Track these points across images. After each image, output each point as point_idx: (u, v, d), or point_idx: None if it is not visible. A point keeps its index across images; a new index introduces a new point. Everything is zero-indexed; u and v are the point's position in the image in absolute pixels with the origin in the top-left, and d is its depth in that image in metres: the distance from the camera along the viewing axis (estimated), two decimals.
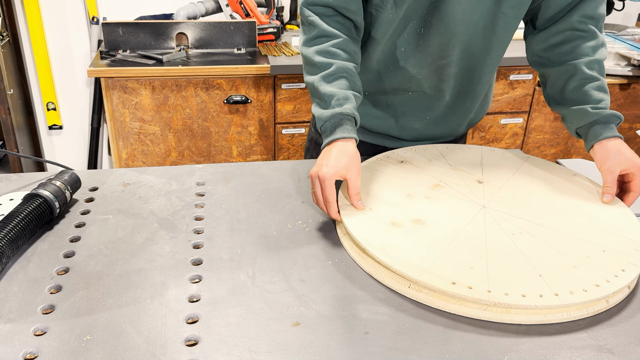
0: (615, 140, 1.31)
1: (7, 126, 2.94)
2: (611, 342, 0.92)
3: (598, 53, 1.39)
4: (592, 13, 1.38)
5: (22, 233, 1.09)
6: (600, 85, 1.37)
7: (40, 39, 3.13)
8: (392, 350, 0.89)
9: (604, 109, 1.34)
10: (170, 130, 2.73)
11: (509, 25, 1.39)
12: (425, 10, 1.34)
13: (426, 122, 1.57)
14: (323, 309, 0.98)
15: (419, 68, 1.44)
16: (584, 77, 1.37)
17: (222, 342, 0.90)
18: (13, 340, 0.89)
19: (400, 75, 1.47)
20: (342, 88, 1.28)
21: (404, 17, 1.35)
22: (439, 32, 1.37)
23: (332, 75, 1.30)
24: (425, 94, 1.51)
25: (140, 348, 0.88)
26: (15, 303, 0.97)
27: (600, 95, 1.35)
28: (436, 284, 0.98)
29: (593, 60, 1.38)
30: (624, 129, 3.03)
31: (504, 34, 1.41)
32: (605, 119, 1.33)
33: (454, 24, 1.35)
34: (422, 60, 1.43)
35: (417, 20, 1.36)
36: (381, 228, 1.14)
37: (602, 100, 1.35)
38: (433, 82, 1.48)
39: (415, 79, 1.47)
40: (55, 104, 3.30)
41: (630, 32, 3.28)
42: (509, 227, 1.16)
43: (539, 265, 1.03)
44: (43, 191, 1.18)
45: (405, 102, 1.54)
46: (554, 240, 1.12)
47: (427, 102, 1.53)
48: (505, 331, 0.94)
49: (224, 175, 1.43)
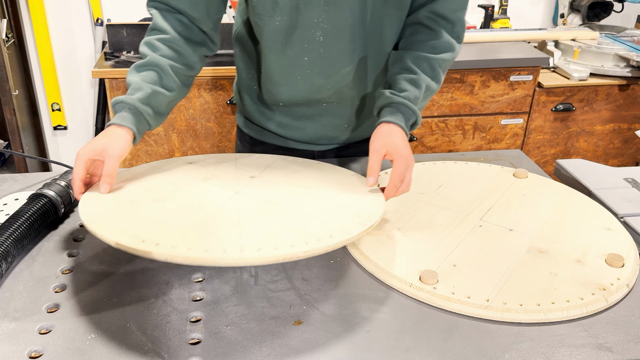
0: (396, 127, 1.24)
1: (12, 127, 2.94)
2: (610, 341, 0.92)
3: (436, 53, 1.33)
4: (444, 12, 1.32)
5: (27, 232, 1.09)
6: (414, 79, 1.31)
7: (45, 40, 3.13)
8: (394, 348, 0.89)
9: (402, 97, 1.27)
10: (174, 130, 2.73)
11: (394, 27, 1.36)
12: (320, 18, 1.30)
13: (346, 129, 1.54)
14: (325, 307, 0.98)
15: (325, 77, 1.40)
16: (402, 68, 1.32)
17: (225, 341, 0.90)
18: (18, 338, 0.89)
19: (309, 85, 1.42)
20: (145, 80, 1.22)
21: (300, 27, 1.31)
22: (336, 39, 1.34)
23: (143, 66, 1.25)
24: (338, 102, 1.47)
25: (144, 347, 0.88)
26: (20, 302, 0.97)
27: (407, 86, 1.29)
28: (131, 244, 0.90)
29: (424, 56, 1.33)
30: (624, 129, 3.03)
31: (389, 35, 1.37)
32: (396, 106, 1.27)
33: (348, 29, 1.32)
34: (327, 68, 1.38)
35: (314, 29, 1.31)
36: (114, 204, 1.07)
37: (405, 91, 1.29)
38: (341, 89, 1.43)
39: (324, 87, 1.42)
40: (60, 104, 3.30)
41: (629, 33, 3.27)
42: (247, 206, 1.10)
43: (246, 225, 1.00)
44: (48, 191, 1.19)
45: (322, 112, 1.50)
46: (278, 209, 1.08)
47: (340, 110, 1.49)
48: (505, 330, 0.94)
49: None
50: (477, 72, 2.80)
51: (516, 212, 1.26)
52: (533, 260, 1.09)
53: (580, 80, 2.87)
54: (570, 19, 3.37)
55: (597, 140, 3.06)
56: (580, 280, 1.03)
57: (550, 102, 2.93)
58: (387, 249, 1.11)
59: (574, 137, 3.04)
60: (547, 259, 1.10)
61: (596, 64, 2.93)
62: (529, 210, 1.27)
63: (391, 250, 1.11)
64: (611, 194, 1.37)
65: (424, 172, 1.44)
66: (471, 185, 1.37)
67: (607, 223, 1.21)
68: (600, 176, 1.47)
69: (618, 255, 1.09)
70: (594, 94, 2.91)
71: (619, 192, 1.39)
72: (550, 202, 1.31)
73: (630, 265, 1.09)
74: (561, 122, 2.99)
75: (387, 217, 1.23)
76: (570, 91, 2.91)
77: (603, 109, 2.96)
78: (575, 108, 2.95)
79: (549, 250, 1.13)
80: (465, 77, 2.80)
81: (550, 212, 1.27)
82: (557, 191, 1.36)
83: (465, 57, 2.80)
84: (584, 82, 2.87)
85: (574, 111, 2.96)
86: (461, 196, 1.32)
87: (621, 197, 1.36)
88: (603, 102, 2.94)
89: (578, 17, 3.35)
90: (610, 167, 1.52)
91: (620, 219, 1.26)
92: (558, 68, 3.00)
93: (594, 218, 1.24)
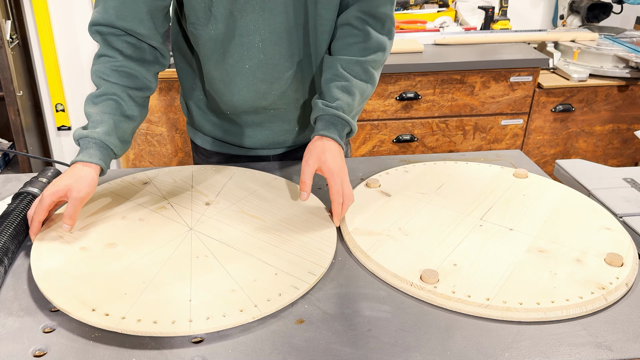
0: (329, 141, 1.25)
1: (16, 127, 2.94)
2: (609, 339, 0.92)
3: (367, 55, 1.33)
4: (371, 11, 1.31)
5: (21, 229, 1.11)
6: (346, 86, 1.30)
7: (49, 41, 3.13)
8: (394, 347, 0.89)
9: (334, 108, 1.27)
10: (177, 131, 2.73)
11: (326, 27, 1.34)
12: (257, 23, 1.29)
13: (297, 132, 1.54)
14: (326, 306, 0.98)
15: (269, 83, 1.38)
16: (334, 74, 1.31)
17: (227, 339, 0.90)
18: (22, 337, 0.89)
19: (253, 92, 1.40)
20: (105, 111, 1.19)
21: (238, 34, 1.30)
22: (275, 44, 1.32)
23: (99, 97, 1.21)
24: (285, 107, 1.46)
25: (147, 345, 0.88)
26: (24, 301, 0.97)
27: (339, 94, 1.29)
28: (68, 308, 0.92)
29: (355, 60, 1.32)
30: (623, 130, 3.03)
31: (323, 36, 1.36)
32: (329, 118, 1.27)
33: (285, 33, 1.31)
34: (270, 73, 1.37)
35: (252, 35, 1.30)
36: (65, 253, 1.07)
37: (337, 100, 1.28)
38: (286, 93, 1.42)
39: (269, 93, 1.40)
40: (64, 105, 3.30)
41: (628, 34, 3.27)
42: (198, 250, 1.10)
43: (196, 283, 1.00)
44: (32, 189, 1.19)
45: (271, 119, 1.49)
46: (231, 261, 1.07)
47: (288, 114, 1.49)
48: (505, 328, 0.94)
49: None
50: (478, 73, 2.80)
51: (516, 212, 1.26)
52: (533, 260, 1.09)
53: (580, 81, 2.87)
54: (570, 20, 3.37)
55: (596, 140, 3.06)
56: (580, 280, 1.03)
57: (550, 103, 2.93)
58: (388, 249, 1.11)
59: (573, 137, 3.04)
60: (547, 259, 1.10)
61: (595, 65, 2.93)
62: (529, 210, 1.27)
63: (392, 250, 1.11)
64: (610, 194, 1.37)
65: (425, 172, 1.44)
66: (472, 185, 1.37)
67: (607, 223, 1.21)
68: (600, 176, 1.47)
69: (617, 254, 1.09)
70: (594, 95, 2.91)
71: (618, 192, 1.39)
72: (549, 202, 1.31)
73: (629, 265, 1.08)
74: (561, 123, 2.99)
75: (389, 216, 1.23)
76: (570, 92, 2.90)
77: (602, 110, 2.96)
78: (575, 109, 2.95)
79: (549, 249, 1.13)
80: (466, 78, 2.80)
81: (549, 211, 1.27)
82: (556, 191, 1.36)
83: (466, 58, 2.80)
84: (583, 83, 2.87)
85: (574, 112, 2.96)
86: (462, 196, 1.32)
87: (620, 197, 1.36)
88: (602, 102, 2.93)
89: (577, 19, 3.34)
90: (609, 167, 1.52)
91: (620, 219, 1.26)
92: (558, 69, 3.00)
93: (593, 218, 1.24)
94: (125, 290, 0.97)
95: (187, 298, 0.96)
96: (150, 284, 0.99)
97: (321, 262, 1.07)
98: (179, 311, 0.93)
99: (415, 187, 1.36)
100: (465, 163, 1.50)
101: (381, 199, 1.30)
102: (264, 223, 1.20)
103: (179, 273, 1.02)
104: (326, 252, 1.10)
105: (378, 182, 1.37)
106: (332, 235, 1.15)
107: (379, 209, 1.26)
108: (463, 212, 1.25)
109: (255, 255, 1.09)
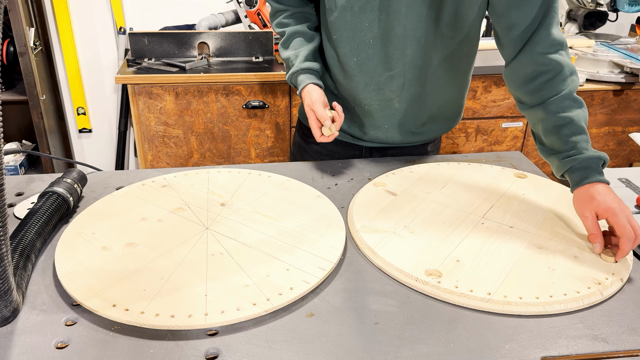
0: (592, 186, 1.15)
1: (39, 129, 2.95)
2: (605, 332, 0.92)
3: (566, 85, 1.24)
4: (551, 41, 1.25)
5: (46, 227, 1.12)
6: (574, 125, 1.21)
7: (71, 48, 3.14)
8: (401, 339, 0.89)
9: (576, 154, 1.19)
10: (193, 133, 2.74)
11: (446, 44, 1.37)
12: (375, 22, 1.35)
13: (385, 130, 1.55)
14: (335, 300, 0.98)
15: (370, 77, 1.43)
16: (554, 123, 1.23)
17: (241, 331, 0.90)
18: (46, 329, 0.89)
19: (353, 85, 1.47)
20: (296, 48, 1.46)
21: (359, 28, 1.38)
22: (385, 45, 1.37)
23: (286, 42, 1.49)
24: (377, 104, 1.48)
25: (165, 337, 0.88)
26: (47, 295, 0.97)
27: (572, 138, 1.20)
28: (93, 306, 0.93)
29: (561, 96, 1.23)
30: (618, 132, 3.02)
31: (442, 50, 1.38)
32: (579, 165, 1.18)
33: (398, 39, 1.35)
34: (371, 70, 1.42)
35: (365, 32, 1.37)
36: (87, 252, 1.07)
37: (576, 144, 1.19)
38: (382, 92, 1.45)
39: (368, 88, 1.45)
40: (85, 108, 3.31)
41: (623, 41, 3.26)
42: (214, 248, 1.10)
43: (211, 284, 0.99)
44: (58, 188, 1.20)
45: (363, 113, 1.53)
46: (245, 258, 1.07)
47: (379, 112, 1.50)
48: (506, 321, 0.94)
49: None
50: (480, 78, 2.79)
51: (516, 210, 1.26)
52: (532, 256, 1.09)
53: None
54: (568, 27, 3.35)
55: (592, 142, 3.04)
56: (577, 275, 1.03)
57: None
58: (394, 245, 1.11)
59: None
60: (546, 255, 1.09)
61: (592, 70, 2.92)
62: (529, 208, 1.27)
63: (398, 246, 1.11)
64: None
65: (429, 172, 1.44)
66: (474, 185, 1.37)
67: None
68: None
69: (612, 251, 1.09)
70: (590, 99, 2.90)
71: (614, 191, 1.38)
72: (548, 201, 1.31)
73: (624, 261, 1.08)
74: None
75: (395, 215, 1.23)
76: None
77: (598, 113, 2.95)
78: None
79: (548, 246, 1.12)
80: None
81: (548, 210, 1.27)
82: (555, 191, 1.36)
83: None
84: (580, 87, 2.86)
85: None
86: (464, 195, 1.32)
87: None
88: (598, 106, 2.92)
89: (575, 26, 3.33)
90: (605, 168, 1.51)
91: None
92: None
93: None
94: (144, 287, 0.97)
95: (203, 293, 0.96)
96: (168, 281, 0.99)
97: (330, 258, 1.07)
98: (195, 306, 0.93)
99: (420, 186, 1.36)
100: (468, 164, 1.49)
101: (388, 198, 1.30)
102: (277, 222, 1.20)
103: (195, 270, 1.03)
104: (335, 249, 1.10)
105: (385, 182, 1.37)
106: (341, 233, 1.15)
107: (386, 207, 1.26)
108: (465, 210, 1.25)
109: (268, 252, 1.09)
